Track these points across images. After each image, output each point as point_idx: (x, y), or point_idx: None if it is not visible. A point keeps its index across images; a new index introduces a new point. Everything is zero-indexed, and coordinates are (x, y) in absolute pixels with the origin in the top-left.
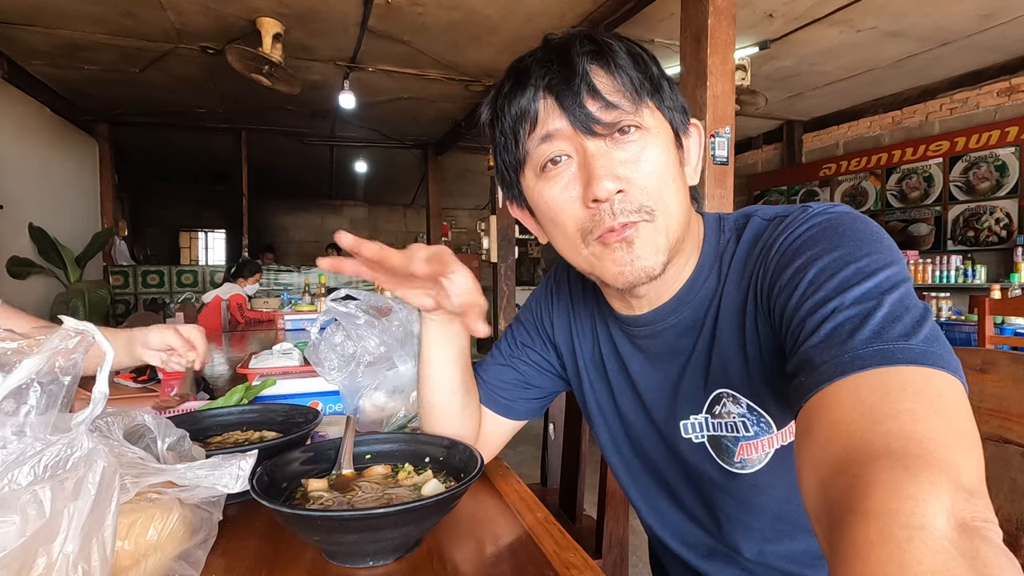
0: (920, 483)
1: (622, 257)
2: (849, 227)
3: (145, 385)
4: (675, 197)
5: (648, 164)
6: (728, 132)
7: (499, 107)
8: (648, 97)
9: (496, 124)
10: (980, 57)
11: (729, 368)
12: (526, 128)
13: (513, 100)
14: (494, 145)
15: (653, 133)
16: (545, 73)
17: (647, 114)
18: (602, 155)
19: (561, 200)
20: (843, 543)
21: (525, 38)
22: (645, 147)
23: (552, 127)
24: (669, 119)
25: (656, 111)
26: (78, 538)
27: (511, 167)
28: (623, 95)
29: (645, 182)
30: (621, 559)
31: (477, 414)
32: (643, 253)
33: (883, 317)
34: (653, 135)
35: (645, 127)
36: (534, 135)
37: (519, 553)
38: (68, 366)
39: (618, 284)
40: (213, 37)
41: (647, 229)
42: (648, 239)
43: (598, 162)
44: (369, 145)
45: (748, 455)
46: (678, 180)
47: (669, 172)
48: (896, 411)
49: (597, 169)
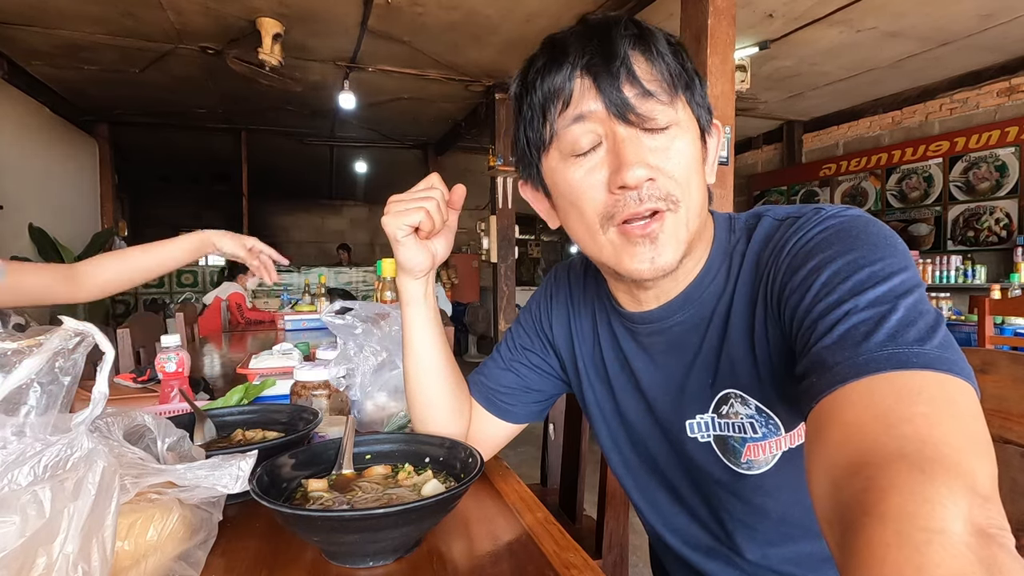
0: (937, 487)
1: (643, 253)
2: (863, 230)
3: (145, 385)
4: (698, 191)
5: (679, 155)
6: (728, 132)
7: (531, 80)
8: (682, 90)
9: (525, 97)
10: (980, 57)
11: (738, 368)
12: (557, 106)
13: (547, 76)
14: (519, 118)
15: (684, 126)
16: (584, 52)
17: (680, 107)
18: (633, 142)
19: (585, 183)
20: (858, 545)
21: (525, 38)
22: (676, 138)
23: (586, 108)
24: (697, 116)
25: (687, 106)
26: (78, 538)
27: (534, 144)
28: (660, 84)
29: (675, 171)
30: (621, 559)
31: (467, 407)
32: (664, 250)
33: (898, 321)
34: (684, 128)
35: (678, 121)
36: (566, 114)
37: (519, 553)
38: (68, 366)
39: (634, 277)
40: (213, 37)
41: (671, 220)
42: (671, 233)
43: (629, 148)
44: (369, 145)
45: (755, 456)
46: (701, 175)
47: (695, 166)
48: (911, 415)
49: (629, 155)
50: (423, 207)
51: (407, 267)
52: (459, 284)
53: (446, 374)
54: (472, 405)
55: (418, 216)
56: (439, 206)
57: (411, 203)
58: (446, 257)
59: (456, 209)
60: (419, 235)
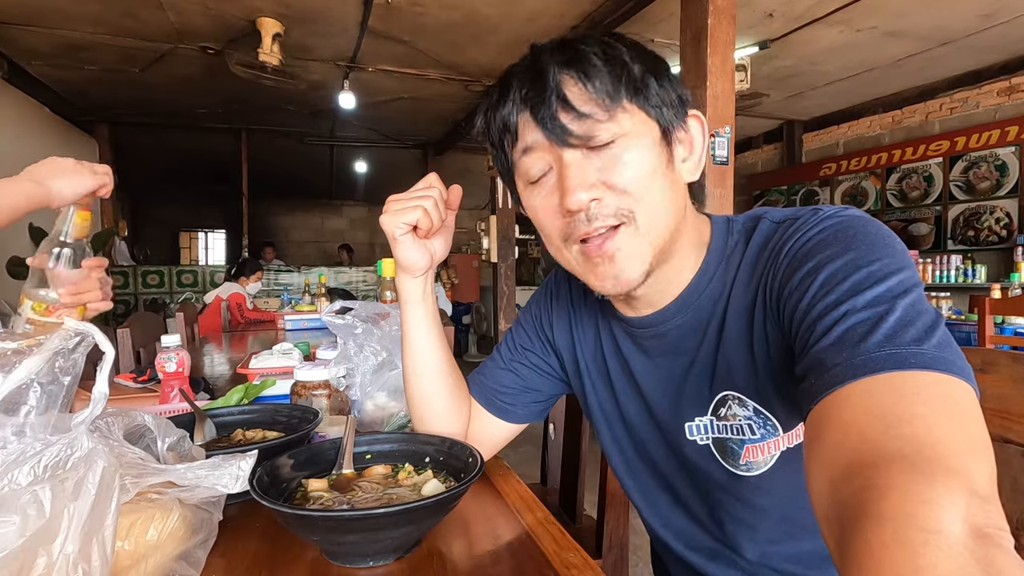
0: (936, 488)
1: (605, 271)
2: (861, 231)
3: (145, 385)
4: (661, 197)
5: (627, 168)
6: (728, 132)
7: (487, 117)
8: (627, 99)
9: (487, 135)
10: (980, 57)
11: (735, 370)
12: (508, 140)
13: (497, 111)
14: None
15: (633, 136)
16: (522, 85)
17: (624, 118)
18: (576, 166)
19: (542, 208)
20: (856, 545)
21: (525, 38)
22: (624, 151)
23: (530, 140)
24: (656, 116)
25: (638, 111)
26: (78, 538)
27: (505, 173)
28: (596, 102)
29: (624, 186)
30: (621, 559)
31: (466, 406)
32: (625, 266)
33: (896, 321)
34: (633, 136)
35: (623, 132)
36: (516, 147)
37: (519, 553)
38: (68, 366)
39: (602, 293)
40: (213, 37)
41: (627, 235)
42: (629, 248)
43: (571, 173)
44: (369, 145)
45: (754, 458)
46: (665, 179)
47: (652, 172)
48: (910, 415)
49: (569, 181)
50: (421, 205)
51: (405, 266)
52: (459, 284)
53: (445, 373)
54: (472, 405)
55: (416, 214)
56: (437, 204)
57: (409, 202)
58: (444, 257)
59: (453, 210)
60: (418, 234)
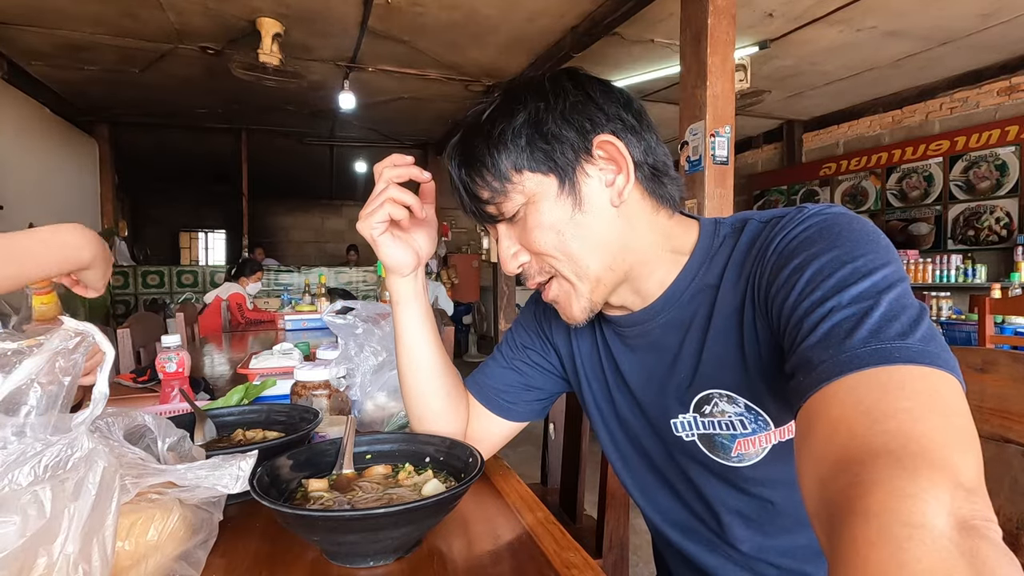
0: (919, 482)
1: (558, 310)
2: (846, 227)
3: (145, 385)
4: (580, 244)
5: (534, 232)
6: (728, 132)
7: None
8: (514, 173)
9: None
10: (980, 56)
11: (724, 368)
12: None
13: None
14: None
15: (533, 200)
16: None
17: (520, 189)
18: (505, 237)
19: (496, 253)
20: (843, 542)
21: (525, 38)
22: (529, 216)
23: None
24: (550, 169)
25: (531, 175)
26: (78, 538)
27: None
28: (490, 188)
29: (539, 249)
30: (621, 559)
31: (464, 404)
32: (568, 310)
33: (880, 316)
34: (534, 203)
35: (525, 199)
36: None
37: (519, 553)
38: (68, 366)
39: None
40: (213, 37)
41: (557, 287)
42: (564, 297)
43: (502, 246)
44: (369, 145)
45: (746, 450)
46: (579, 226)
47: (561, 229)
48: (895, 410)
49: (500, 253)
50: (384, 199)
51: (391, 265)
52: (459, 284)
53: (441, 371)
54: (472, 405)
55: (384, 210)
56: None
57: (374, 202)
58: (432, 252)
59: (430, 202)
60: (401, 226)
